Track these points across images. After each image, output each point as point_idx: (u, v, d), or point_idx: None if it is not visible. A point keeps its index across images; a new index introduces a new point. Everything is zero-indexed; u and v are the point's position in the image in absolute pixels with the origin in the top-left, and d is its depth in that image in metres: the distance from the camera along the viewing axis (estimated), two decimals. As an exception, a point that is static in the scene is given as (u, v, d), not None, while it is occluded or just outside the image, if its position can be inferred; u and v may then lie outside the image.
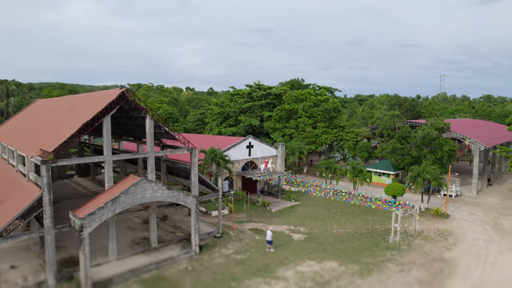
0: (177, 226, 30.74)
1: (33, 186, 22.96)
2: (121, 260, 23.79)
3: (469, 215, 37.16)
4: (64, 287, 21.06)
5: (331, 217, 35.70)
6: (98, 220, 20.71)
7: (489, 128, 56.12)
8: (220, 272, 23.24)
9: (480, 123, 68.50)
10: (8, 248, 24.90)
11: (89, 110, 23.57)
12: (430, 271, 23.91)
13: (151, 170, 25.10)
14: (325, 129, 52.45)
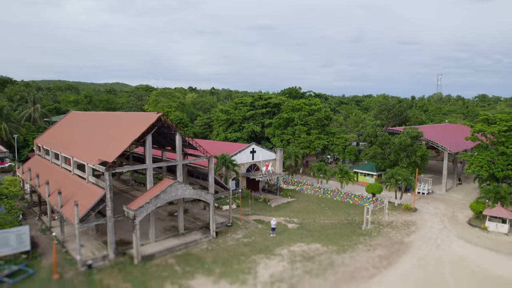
0: (196, 217, 38.78)
1: (94, 186, 30.88)
2: (158, 242, 31.81)
3: (433, 209, 45.11)
4: (121, 259, 29.07)
5: (319, 211, 43.68)
6: (145, 211, 28.68)
7: (462, 133, 63.64)
8: (232, 250, 31.25)
9: (455, 128, 75.86)
10: (74, 233, 32.92)
11: (134, 129, 31.39)
12: (390, 250, 31.91)
13: (179, 174, 33.04)
14: (318, 135, 60.37)
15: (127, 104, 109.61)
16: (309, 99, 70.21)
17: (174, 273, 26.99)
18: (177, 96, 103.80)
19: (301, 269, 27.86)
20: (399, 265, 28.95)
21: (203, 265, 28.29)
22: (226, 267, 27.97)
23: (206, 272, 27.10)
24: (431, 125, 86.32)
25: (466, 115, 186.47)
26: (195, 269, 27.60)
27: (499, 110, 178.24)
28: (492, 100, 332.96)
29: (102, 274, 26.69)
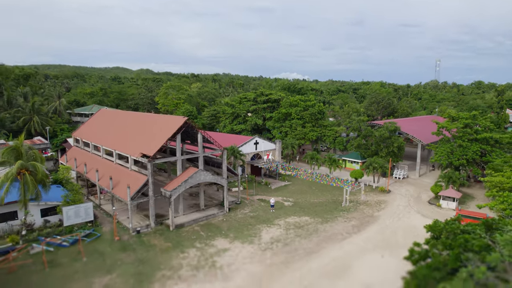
0: (212, 197, 48.83)
1: (137, 173, 40.65)
2: (185, 215, 41.87)
3: (404, 191, 55.07)
4: (159, 227, 39.15)
5: (310, 192, 53.67)
6: (177, 192, 38.56)
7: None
8: (242, 221, 41.31)
9: (431, 120, 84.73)
10: (120, 209, 42.97)
11: (167, 129, 40.87)
12: (361, 221, 41.96)
13: (201, 163, 42.79)
14: (312, 128, 69.85)
15: (138, 96, 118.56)
16: (305, 95, 79.27)
17: (200, 236, 37.10)
18: (185, 88, 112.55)
19: (293, 233, 37.97)
20: (365, 232, 39.04)
21: (221, 231, 38.41)
22: (238, 233, 38.07)
23: (224, 236, 37.21)
24: (411, 117, 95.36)
25: (458, 103, 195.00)
26: (215, 234, 37.71)
27: (488, 98, 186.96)
28: (487, 87, 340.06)
29: (148, 237, 36.82)
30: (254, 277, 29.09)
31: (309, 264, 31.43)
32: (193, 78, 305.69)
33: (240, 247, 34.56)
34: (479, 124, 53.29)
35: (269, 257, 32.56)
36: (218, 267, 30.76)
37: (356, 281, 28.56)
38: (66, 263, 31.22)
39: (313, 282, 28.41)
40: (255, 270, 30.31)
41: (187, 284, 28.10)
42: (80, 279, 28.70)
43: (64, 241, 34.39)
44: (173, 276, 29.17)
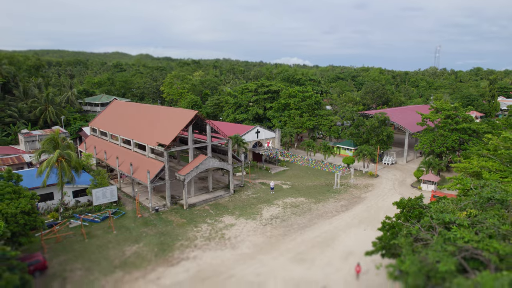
0: (219, 181, 54.88)
1: (154, 160, 46.50)
2: (196, 196, 47.98)
3: (391, 176, 61.09)
4: (174, 207, 45.28)
5: (306, 176, 59.71)
6: (190, 176, 44.52)
7: (427, 115, 78.13)
8: (245, 201, 47.43)
9: (420, 109, 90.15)
10: (139, 191, 49.03)
11: (179, 121, 46.45)
12: (350, 202, 48.08)
13: (209, 151, 48.60)
14: (309, 117, 75.39)
15: (144, 85, 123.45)
16: (303, 86, 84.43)
17: (210, 214, 43.28)
18: (188, 78, 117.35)
19: (290, 211, 44.13)
20: (353, 210, 45.20)
21: (228, 210, 44.58)
22: (242, 211, 44.24)
23: (230, 214, 43.37)
24: (403, 107, 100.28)
25: (454, 90, 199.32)
26: (223, 212, 43.88)
27: (482, 86, 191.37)
28: (485, 73, 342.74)
29: (166, 215, 42.99)
30: (257, 246, 35.33)
31: (302, 236, 37.65)
32: (194, 64, 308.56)
33: (245, 223, 40.76)
34: (460, 115, 58.75)
35: (269, 231, 38.78)
36: (227, 238, 37.00)
37: (340, 249, 34.80)
38: (100, 235, 37.45)
39: (305, 250, 34.64)
40: (258, 240, 36.54)
41: (202, 251, 34.35)
42: (114, 247, 34.95)
43: (96, 217, 40.58)
44: (190, 245, 35.41)
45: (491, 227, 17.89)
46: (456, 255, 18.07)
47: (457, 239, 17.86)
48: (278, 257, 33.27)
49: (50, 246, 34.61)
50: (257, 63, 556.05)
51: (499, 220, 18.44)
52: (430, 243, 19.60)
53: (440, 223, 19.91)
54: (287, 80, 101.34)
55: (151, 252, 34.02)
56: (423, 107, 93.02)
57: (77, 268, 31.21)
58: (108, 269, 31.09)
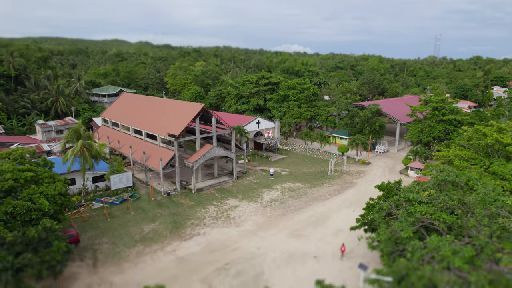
0: (223, 168, 59.78)
1: (164, 149, 51.26)
2: (203, 181, 52.93)
3: (382, 163, 65.95)
4: (183, 191, 50.25)
5: (303, 164, 64.58)
6: (198, 163, 49.35)
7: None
8: (248, 186, 52.40)
9: (412, 100, 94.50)
10: (153, 176, 53.97)
11: (188, 113, 50.99)
12: (342, 187, 53.04)
13: (214, 141, 53.31)
14: (306, 108, 79.84)
15: (147, 76, 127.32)
16: (302, 78, 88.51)
17: (216, 197, 48.28)
18: (191, 69, 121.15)
19: (287, 195, 49.12)
20: (344, 194, 50.18)
21: (232, 193, 49.58)
22: (245, 194, 49.23)
23: (234, 197, 48.38)
24: (397, 97, 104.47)
25: (452, 79, 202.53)
26: (227, 195, 48.87)
27: (479, 76, 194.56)
28: (485, 62, 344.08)
29: (177, 198, 47.99)
30: (258, 224, 40.40)
31: (298, 216, 42.71)
32: (195, 53, 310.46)
33: (247, 205, 45.79)
34: (446, 107, 63.17)
35: (268, 212, 43.83)
36: (232, 217, 42.06)
37: (331, 227, 39.86)
38: (120, 215, 42.52)
39: (300, 228, 39.71)
40: (259, 220, 41.61)
41: (210, 228, 39.43)
42: (133, 225, 40.02)
43: (115, 200, 45.61)
44: (199, 224, 40.48)
45: (442, 202, 22.72)
46: (416, 224, 23.00)
47: (416, 212, 22.73)
48: (277, 233, 38.36)
49: (78, 224, 39.69)
50: (257, 50, 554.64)
51: (449, 197, 23.21)
52: (398, 216, 24.52)
53: (406, 200, 24.77)
54: (286, 71, 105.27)
55: (166, 229, 39.11)
56: (416, 98, 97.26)
57: (104, 242, 36.34)
58: (130, 243, 36.22)
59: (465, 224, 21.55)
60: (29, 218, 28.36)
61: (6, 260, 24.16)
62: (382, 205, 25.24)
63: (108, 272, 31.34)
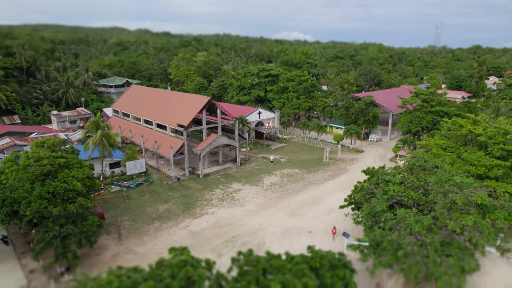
0: (227, 155, 64.89)
1: (174, 138, 56.22)
2: (209, 168, 58.09)
3: (374, 151, 70.99)
4: (192, 176, 55.44)
5: (301, 152, 69.65)
6: (205, 151, 54.39)
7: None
8: (250, 172, 57.58)
9: (407, 92, 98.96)
10: (164, 163, 59.07)
11: (195, 105, 55.75)
12: (336, 172, 58.21)
13: (219, 131, 58.22)
14: (305, 99, 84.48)
15: (152, 67, 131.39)
16: (301, 69, 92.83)
17: (221, 182, 53.48)
18: (194, 60, 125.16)
19: (286, 180, 54.31)
20: (338, 179, 55.36)
21: (235, 178, 54.76)
22: (247, 179, 54.41)
23: (238, 181, 53.57)
24: (391, 88, 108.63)
25: (449, 69, 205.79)
26: (231, 180, 54.07)
27: (475, 66, 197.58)
28: (484, 51, 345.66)
29: (186, 182, 53.19)
30: (260, 205, 45.68)
31: (295, 198, 47.97)
32: (195, 42, 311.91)
33: (249, 188, 51.03)
34: (435, 99, 67.79)
35: (269, 194, 49.08)
36: (236, 199, 47.33)
37: (324, 207, 45.15)
38: (136, 197, 47.78)
39: (297, 208, 44.99)
40: (260, 201, 46.88)
41: (217, 208, 44.72)
42: (149, 206, 45.30)
43: (131, 184, 50.82)
44: (207, 204, 45.76)
45: (411, 183, 27.79)
46: (390, 201, 28.15)
47: (390, 191, 27.85)
48: (276, 212, 43.67)
49: (101, 204, 44.97)
50: (258, 38, 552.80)
51: (416, 178, 28.24)
52: (376, 195, 29.67)
53: (383, 181, 29.87)
54: (286, 63, 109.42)
55: (179, 209, 44.41)
56: (410, 88, 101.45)
57: (125, 219, 41.67)
58: (148, 220, 41.55)
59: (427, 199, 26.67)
60: (66, 197, 33.49)
61: (54, 229, 29.44)
62: (363, 185, 30.35)
63: (131, 244, 36.72)
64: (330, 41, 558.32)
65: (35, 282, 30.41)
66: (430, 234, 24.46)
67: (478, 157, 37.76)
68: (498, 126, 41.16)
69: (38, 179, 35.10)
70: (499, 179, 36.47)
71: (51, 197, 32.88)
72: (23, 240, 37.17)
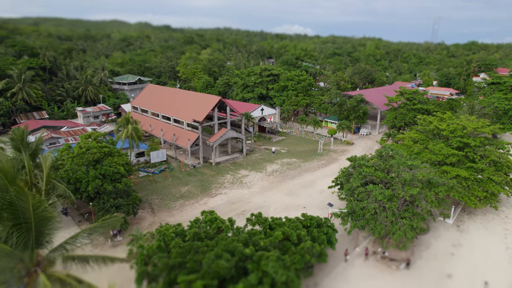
0: (234, 146, 74.39)
1: (190, 132, 65.64)
2: (220, 157, 67.63)
3: (363, 143, 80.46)
4: (205, 164, 64.98)
5: (299, 144, 79.13)
6: (216, 143, 63.85)
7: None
8: (255, 161, 67.16)
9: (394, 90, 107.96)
10: (181, 153, 68.59)
11: (208, 103, 65.04)
12: (328, 161, 67.77)
13: (228, 125, 67.61)
14: (303, 97, 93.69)
15: (160, 65, 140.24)
16: (300, 68, 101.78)
17: (231, 169, 63.03)
18: (200, 59, 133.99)
19: (286, 167, 63.87)
20: (329, 167, 64.91)
21: (242, 166, 64.31)
22: (252, 167, 63.96)
23: (244, 168, 63.12)
24: (382, 87, 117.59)
25: (441, 66, 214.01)
26: (239, 167, 63.61)
27: (464, 65, 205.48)
28: (479, 47, 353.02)
29: (201, 169, 62.75)
30: (264, 187, 55.28)
31: (293, 181, 57.55)
32: (198, 37, 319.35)
33: (255, 174, 60.60)
34: (417, 98, 76.97)
35: (271, 179, 58.65)
36: (244, 182, 56.91)
37: (317, 188, 54.73)
38: (161, 181, 57.36)
39: (294, 189, 54.57)
40: (264, 184, 56.46)
41: (229, 189, 54.31)
42: (173, 188, 54.88)
43: (155, 170, 60.38)
44: (221, 187, 55.34)
45: (378, 166, 37.28)
46: (363, 180, 37.70)
47: (363, 172, 37.36)
48: (277, 193, 53.28)
49: (132, 186, 54.56)
50: (258, 33, 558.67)
51: (383, 162, 37.69)
52: (353, 175, 39.22)
53: (359, 165, 39.38)
54: (286, 63, 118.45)
55: (197, 190, 54.03)
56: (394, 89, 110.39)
57: (155, 198, 51.28)
58: (173, 198, 51.17)
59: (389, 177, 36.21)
60: (114, 178, 43.00)
61: (110, 201, 39.04)
62: (343, 169, 39.85)
63: (163, 216, 46.39)
64: (330, 35, 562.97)
65: (95, 242, 40.07)
66: (390, 202, 34.04)
67: (439, 148, 47.20)
68: (459, 123, 50.59)
69: (90, 164, 44.57)
70: (454, 165, 45.97)
71: (102, 177, 42.39)
72: (77, 212, 46.83)
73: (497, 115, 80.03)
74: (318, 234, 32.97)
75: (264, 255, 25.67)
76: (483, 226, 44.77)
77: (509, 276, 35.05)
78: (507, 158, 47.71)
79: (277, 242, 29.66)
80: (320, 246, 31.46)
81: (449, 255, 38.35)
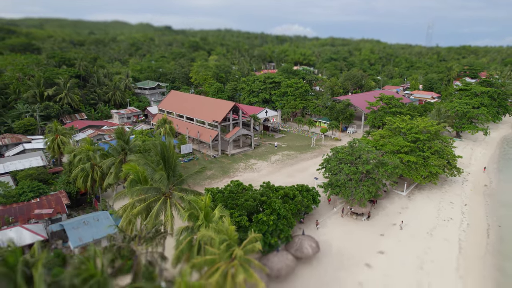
0: (244, 142, 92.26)
1: (211, 130, 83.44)
2: (234, 150, 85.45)
3: (349, 139, 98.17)
4: (223, 155, 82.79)
5: (296, 140, 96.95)
6: (231, 138, 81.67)
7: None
8: (261, 153, 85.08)
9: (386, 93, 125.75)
10: (201, 147, 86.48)
11: (225, 107, 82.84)
12: (319, 153, 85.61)
13: (240, 125, 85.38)
14: (300, 101, 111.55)
15: (174, 71, 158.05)
16: (298, 76, 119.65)
17: (243, 159, 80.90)
18: (210, 66, 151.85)
19: (286, 157, 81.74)
20: (319, 157, 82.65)
21: (252, 156, 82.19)
22: (260, 157, 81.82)
23: (253, 158, 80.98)
24: (370, 91, 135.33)
25: (430, 70, 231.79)
26: (249, 158, 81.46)
27: (454, 68, 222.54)
28: (470, 51, 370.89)
29: (220, 159, 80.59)
30: (269, 171, 73.14)
31: (292, 167, 75.42)
32: (202, 42, 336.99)
33: (262, 162, 78.44)
34: (393, 103, 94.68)
35: (274, 166, 76.50)
36: (254, 168, 74.76)
37: (308, 172, 72.57)
38: (190, 167, 75.18)
39: (292, 173, 72.43)
40: (269, 169, 74.33)
41: (243, 173, 72.14)
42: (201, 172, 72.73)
43: (185, 159, 78.21)
44: (236, 171, 73.18)
45: (349, 152, 55.13)
46: (338, 161, 55.59)
47: (338, 156, 55.21)
48: (279, 175, 71.13)
49: (171, 170, 72.35)
50: (258, 34, 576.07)
51: (351, 150, 55.56)
52: (332, 158, 57.10)
53: (335, 151, 57.29)
54: (286, 71, 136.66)
55: (219, 173, 71.84)
56: (389, 90, 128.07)
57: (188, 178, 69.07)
58: (203, 178, 69.01)
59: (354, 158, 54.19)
60: (164, 161, 60.62)
61: (165, 176, 56.94)
62: (325, 156, 57.88)
63: (196, 188, 64.15)
64: (329, 37, 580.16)
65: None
66: (354, 175, 51.92)
67: (398, 141, 65.10)
68: (414, 123, 68.51)
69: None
70: (408, 153, 63.82)
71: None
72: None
73: (458, 117, 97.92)
74: (307, 194, 50.84)
75: (273, 200, 43.55)
76: (427, 196, 62.73)
77: (433, 222, 53.07)
78: (448, 149, 65.72)
79: (280, 197, 47.50)
80: (307, 202, 49.31)
81: (397, 213, 56.30)
